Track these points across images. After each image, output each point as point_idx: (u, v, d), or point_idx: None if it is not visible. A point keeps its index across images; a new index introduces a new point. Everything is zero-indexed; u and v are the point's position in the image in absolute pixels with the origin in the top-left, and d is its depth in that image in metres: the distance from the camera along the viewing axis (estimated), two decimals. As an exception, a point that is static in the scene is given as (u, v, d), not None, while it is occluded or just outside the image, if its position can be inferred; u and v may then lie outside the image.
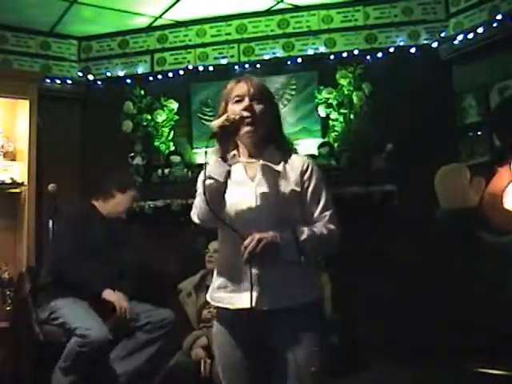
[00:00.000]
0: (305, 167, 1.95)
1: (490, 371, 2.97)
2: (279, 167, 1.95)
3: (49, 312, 3.31)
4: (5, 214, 4.26)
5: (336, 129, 4.49)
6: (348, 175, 4.26)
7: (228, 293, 1.91)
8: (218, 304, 1.96)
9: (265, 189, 1.91)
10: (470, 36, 4.25)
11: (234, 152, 1.99)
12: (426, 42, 4.56)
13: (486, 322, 3.55)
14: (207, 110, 4.81)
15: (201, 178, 1.88)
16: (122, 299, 3.29)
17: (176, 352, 3.41)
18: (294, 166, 1.96)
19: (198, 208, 1.89)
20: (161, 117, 4.71)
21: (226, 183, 1.84)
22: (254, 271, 1.82)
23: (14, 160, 4.29)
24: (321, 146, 4.46)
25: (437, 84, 4.39)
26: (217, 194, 1.83)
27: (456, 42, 4.36)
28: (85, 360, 3.11)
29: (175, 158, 4.67)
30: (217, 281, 1.97)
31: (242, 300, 1.85)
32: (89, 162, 4.88)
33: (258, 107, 1.93)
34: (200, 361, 3.25)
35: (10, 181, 4.18)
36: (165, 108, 4.74)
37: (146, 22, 4.92)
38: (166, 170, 4.60)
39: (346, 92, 4.47)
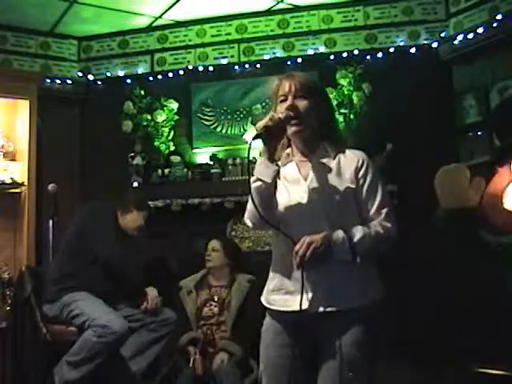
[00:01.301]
0: (360, 163, 1.90)
1: (490, 371, 2.97)
2: (332, 164, 1.89)
3: (62, 306, 3.29)
4: (5, 214, 4.26)
5: (336, 129, 4.49)
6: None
7: (282, 295, 1.88)
8: (272, 307, 1.92)
9: (318, 187, 1.85)
10: (470, 36, 4.25)
11: (288, 151, 1.94)
12: (425, 41, 4.55)
13: (486, 322, 3.55)
14: (207, 110, 4.82)
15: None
16: (156, 292, 3.50)
17: (175, 351, 3.42)
18: (349, 162, 1.90)
19: (249, 212, 1.85)
20: (161, 117, 4.71)
21: (275, 184, 1.79)
22: (307, 274, 1.78)
23: (14, 160, 4.29)
24: (321, 145, 4.45)
25: (437, 84, 4.39)
26: (266, 195, 1.78)
27: (456, 42, 4.35)
28: (101, 351, 3.09)
29: (175, 158, 4.67)
30: (271, 283, 1.94)
31: (297, 302, 1.81)
32: (89, 162, 4.89)
33: (302, 104, 1.86)
34: (191, 359, 3.26)
35: (10, 181, 4.18)
36: (165, 108, 4.74)
37: (146, 22, 4.92)
38: (166, 170, 4.59)
39: (345, 92, 4.46)
